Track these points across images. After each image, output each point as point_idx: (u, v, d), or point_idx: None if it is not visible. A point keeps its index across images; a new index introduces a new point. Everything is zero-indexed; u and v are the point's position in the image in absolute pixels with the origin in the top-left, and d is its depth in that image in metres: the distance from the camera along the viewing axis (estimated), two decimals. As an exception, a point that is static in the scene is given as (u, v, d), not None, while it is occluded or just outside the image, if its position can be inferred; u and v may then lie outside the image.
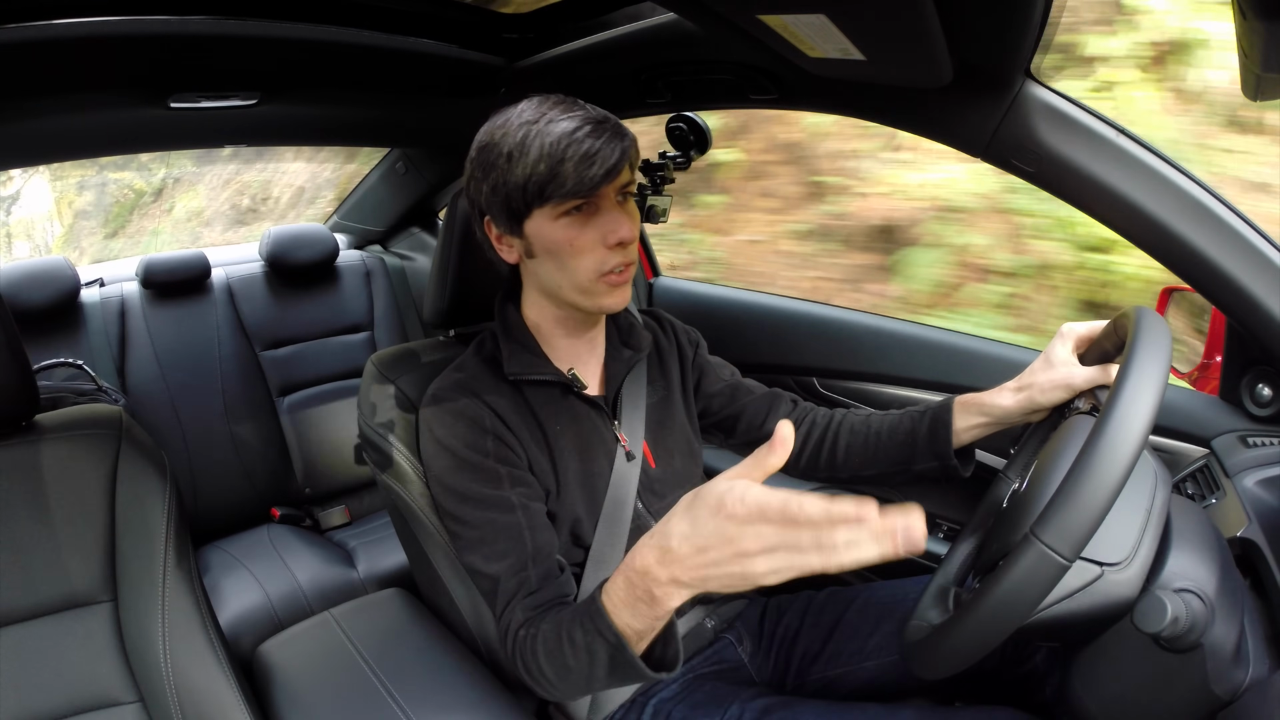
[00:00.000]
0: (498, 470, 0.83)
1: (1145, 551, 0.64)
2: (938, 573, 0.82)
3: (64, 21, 0.88)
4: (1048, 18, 0.70)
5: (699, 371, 1.06)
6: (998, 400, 0.89)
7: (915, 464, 0.94)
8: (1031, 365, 0.87)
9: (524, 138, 0.77)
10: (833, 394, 1.42)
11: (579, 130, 0.76)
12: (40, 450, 0.84)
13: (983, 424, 0.91)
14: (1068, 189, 0.85)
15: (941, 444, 0.91)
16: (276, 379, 1.87)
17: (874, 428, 0.98)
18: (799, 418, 1.04)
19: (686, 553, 0.56)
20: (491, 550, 0.80)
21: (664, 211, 1.15)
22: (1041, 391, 0.85)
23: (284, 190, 4.55)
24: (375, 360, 1.01)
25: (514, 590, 0.79)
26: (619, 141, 0.77)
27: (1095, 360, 0.83)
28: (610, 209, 0.81)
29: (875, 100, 0.94)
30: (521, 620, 0.77)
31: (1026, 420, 0.89)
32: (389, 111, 1.49)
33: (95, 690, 0.82)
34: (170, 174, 4.95)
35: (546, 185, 0.77)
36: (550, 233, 0.81)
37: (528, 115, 0.79)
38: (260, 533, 1.72)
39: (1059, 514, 0.55)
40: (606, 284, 0.83)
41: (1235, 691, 0.61)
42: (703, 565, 0.56)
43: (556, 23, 1.17)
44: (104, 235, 4.92)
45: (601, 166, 0.75)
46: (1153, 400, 0.57)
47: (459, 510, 0.83)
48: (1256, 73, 0.58)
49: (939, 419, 0.92)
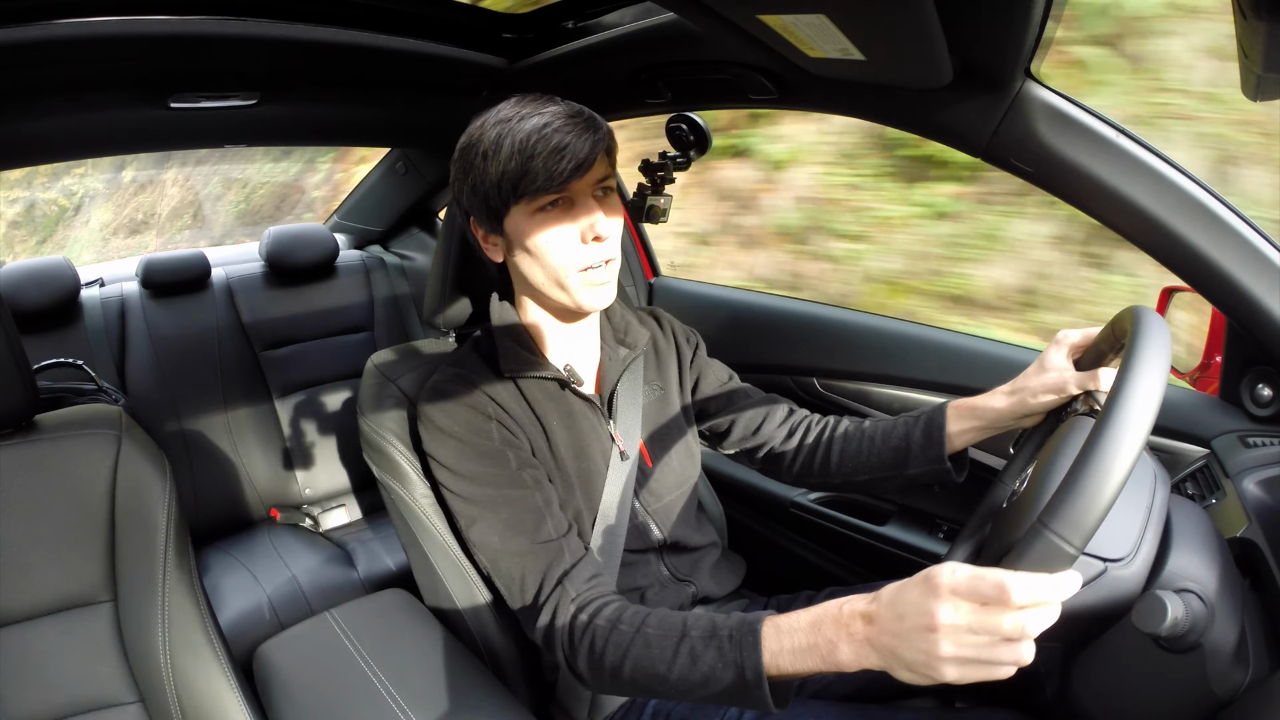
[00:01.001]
0: (505, 453, 0.82)
1: (1147, 549, 0.64)
2: None
3: (64, 21, 0.88)
4: (1048, 18, 0.70)
5: (697, 372, 1.05)
6: (990, 403, 0.89)
7: (909, 469, 0.94)
8: (1025, 370, 0.87)
9: (497, 136, 0.78)
10: (833, 394, 1.42)
11: (549, 125, 0.76)
12: (40, 450, 0.84)
13: (976, 427, 0.91)
14: (1068, 189, 0.85)
15: (935, 448, 0.91)
16: (276, 379, 1.87)
17: (868, 433, 0.98)
18: (795, 424, 1.04)
19: (886, 616, 0.56)
20: (511, 528, 0.79)
21: (664, 211, 1.15)
22: (1034, 394, 0.85)
23: (165, 207, 5.61)
24: (375, 360, 1.01)
25: (546, 565, 0.77)
26: (590, 135, 0.77)
27: (1091, 364, 0.83)
28: (586, 203, 0.81)
29: (875, 100, 0.94)
30: (577, 599, 0.74)
31: (1019, 424, 0.89)
32: (389, 111, 1.49)
33: (95, 690, 0.82)
34: (86, 193, 5.90)
35: (519, 181, 0.77)
36: (527, 229, 0.81)
37: (504, 114, 0.79)
38: (260, 533, 1.72)
39: (1067, 504, 0.54)
40: (587, 280, 0.83)
41: (1235, 691, 0.61)
42: (894, 634, 0.55)
43: (556, 23, 1.17)
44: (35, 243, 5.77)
45: (571, 160, 0.76)
46: (1155, 394, 0.57)
47: (471, 492, 0.82)
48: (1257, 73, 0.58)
49: (933, 423, 0.92)
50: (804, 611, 0.62)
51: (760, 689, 0.62)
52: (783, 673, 0.62)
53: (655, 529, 0.96)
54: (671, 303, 1.77)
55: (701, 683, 0.65)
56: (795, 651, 0.61)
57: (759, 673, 0.62)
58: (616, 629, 0.71)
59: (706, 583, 1.01)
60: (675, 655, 0.67)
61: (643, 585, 0.95)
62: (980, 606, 0.51)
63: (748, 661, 0.63)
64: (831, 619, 0.60)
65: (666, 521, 0.97)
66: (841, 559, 1.38)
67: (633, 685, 0.70)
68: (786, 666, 0.62)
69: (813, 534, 1.40)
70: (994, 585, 0.50)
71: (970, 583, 0.51)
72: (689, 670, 0.66)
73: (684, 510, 1.01)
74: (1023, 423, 0.88)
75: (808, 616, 0.62)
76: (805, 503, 1.39)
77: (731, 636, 0.65)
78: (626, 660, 0.69)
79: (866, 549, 1.31)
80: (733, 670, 0.64)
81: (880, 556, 1.29)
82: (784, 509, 1.41)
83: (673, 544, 0.97)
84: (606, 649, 0.71)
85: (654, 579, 0.97)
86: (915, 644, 0.53)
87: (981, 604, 0.51)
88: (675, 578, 0.98)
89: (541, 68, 1.21)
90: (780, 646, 0.62)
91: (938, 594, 0.52)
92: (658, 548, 0.97)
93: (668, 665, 0.67)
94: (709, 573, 1.02)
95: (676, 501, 0.99)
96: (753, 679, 0.62)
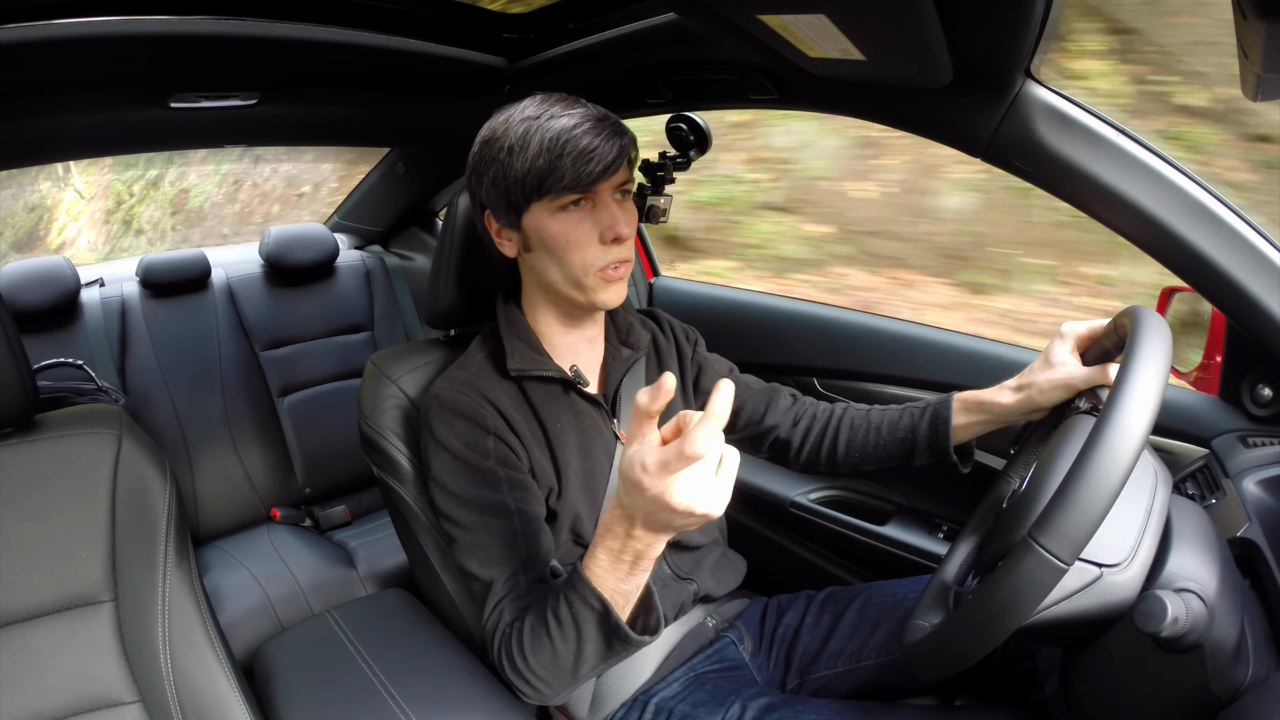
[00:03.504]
0: (496, 473, 0.83)
1: (1145, 552, 0.64)
2: (938, 573, 0.82)
3: (64, 21, 0.88)
4: (1048, 18, 0.70)
5: (698, 368, 1.06)
6: (997, 398, 0.89)
7: (914, 460, 0.94)
8: (1031, 365, 0.88)
9: (525, 132, 0.79)
10: (833, 394, 1.42)
11: (579, 127, 0.78)
12: (40, 450, 0.84)
13: (982, 421, 0.91)
14: (1068, 189, 0.85)
15: (941, 440, 0.92)
16: (276, 379, 1.87)
17: (874, 423, 0.98)
18: (799, 412, 1.04)
19: (641, 520, 0.64)
20: (487, 555, 0.81)
21: (664, 211, 1.15)
22: (1040, 391, 0.85)
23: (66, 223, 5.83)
24: (375, 360, 1.01)
25: (503, 594, 0.79)
26: (618, 139, 0.79)
27: (1096, 359, 0.83)
28: (607, 205, 0.82)
29: (875, 100, 0.94)
30: (508, 621, 0.78)
31: (1026, 419, 0.89)
32: (389, 111, 1.49)
33: (96, 690, 0.82)
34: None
35: (545, 179, 0.78)
36: (548, 226, 0.81)
37: (530, 111, 0.80)
38: (260, 533, 1.72)
39: (1057, 517, 0.55)
40: (602, 279, 0.83)
41: (1235, 691, 0.61)
42: (657, 525, 0.64)
43: (556, 23, 1.17)
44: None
45: (599, 163, 0.77)
46: (1152, 403, 0.57)
47: (456, 513, 0.83)
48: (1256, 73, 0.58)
49: (939, 415, 0.93)
50: (595, 544, 0.70)
51: (611, 615, 0.69)
52: (622, 594, 0.70)
53: None
54: (671, 303, 1.77)
55: (579, 637, 0.71)
56: (612, 571, 0.69)
57: (601, 597, 0.69)
58: (518, 630, 0.76)
59: (708, 581, 1.01)
60: (552, 626, 0.72)
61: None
62: (681, 465, 0.58)
63: (587, 592, 0.70)
64: (619, 538, 0.67)
65: None
66: (841, 559, 1.38)
67: (553, 677, 0.75)
68: (621, 585, 0.69)
69: (813, 534, 1.40)
70: (675, 454, 0.57)
71: (658, 465, 0.59)
72: (564, 632, 0.71)
73: None
74: (1030, 418, 0.89)
75: (600, 547, 0.69)
76: (805, 503, 1.39)
77: (568, 583, 0.72)
78: (531, 654, 0.74)
79: (866, 549, 1.31)
80: (585, 608, 0.70)
81: (880, 556, 1.29)
82: (784, 509, 1.41)
83: (675, 542, 0.97)
84: (521, 649, 0.75)
85: (656, 577, 0.96)
86: (674, 521, 0.62)
87: (678, 462, 0.58)
88: (677, 576, 0.98)
89: (542, 68, 1.21)
90: (598, 572, 0.69)
91: (642, 488, 0.59)
92: None
93: (551, 640, 0.72)
94: (710, 571, 1.02)
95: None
96: (600, 605, 0.69)
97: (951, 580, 0.80)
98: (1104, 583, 0.63)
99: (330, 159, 4.22)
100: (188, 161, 5.03)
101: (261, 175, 5.19)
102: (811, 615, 1.03)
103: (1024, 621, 0.58)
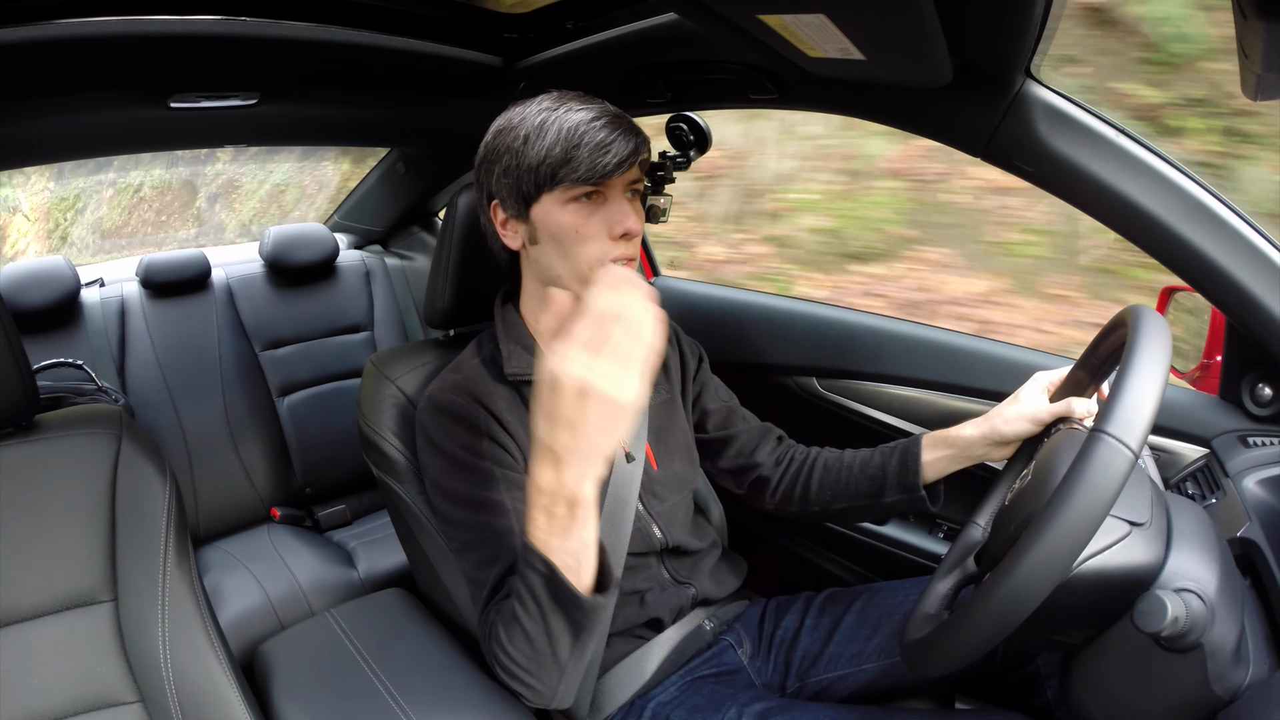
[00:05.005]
0: (491, 472, 0.83)
1: (1160, 520, 0.66)
2: (937, 572, 0.82)
3: (64, 21, 0.88)
4: (1048, 17, 0.70)
5: (700, 386, 1.07)
6: (961, 432, 0.92)
7: (884, 496, 0.96)
8: (999, 404, 0.90)
9: (542, 122, 0.80)
10: (833, 393, 1.42)
11: (597, 120, 0.79)
12: (40, 450, 0.84)
13: (948, 456, 0.93)
14: (1068, 189, 0.85)
15: (910, 475, 0.94)
16: (276, 379, 1.87)
17: (846, 462, 1.01)
18: (782, 454, 1.06)
19: (563, 448, 0.60)
20: (482, 555, 0.81)
21: (664, 211, 1.15)
22: (1005, 421, 0.88)
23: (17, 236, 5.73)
24: (375, 360, 1.01)
25: (498, 594, 0.79)
26: (634, 138, 0.80)
27: (1066, 394, 0.86)
28: (619, 200, 0.83)
29: (875, 100, 0.94)
30: (494, 619, 0.77)
31: (991, 453, 0.91)
32: (389, 111, 1.49)
33: (96, 690, 0.82)
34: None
35: (560, 168, 0.79)
36: (557, 217, 0.82)
37: (547, 104, 0.81)
38: (260, 533, 1.72)
39: (1119, 409, 0.58)
40: None
41: (1235, 691, 0.61)
42: (580, 446, 0.59)
43: (556, 23, 1.17)
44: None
45: (615, 156, 0.78)
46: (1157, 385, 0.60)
47: (452, 513, 0.83)
48: (1256, 73, 0.58)
49: (909, 451, 0.95)
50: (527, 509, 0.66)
51: (556, 575, 0.66)
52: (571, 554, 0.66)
53: (657, 531, 0.96)
54: (671, 303, 1.77)
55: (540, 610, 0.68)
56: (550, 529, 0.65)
57: (545, 560, 0.66)
58: (495, 628, 0.74)
59: (706, 585, 1.01)
60: (518, 606, 0.70)
61: (642, 589, 0.95)
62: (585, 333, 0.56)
63: (532, 558, 0.67)
64: (546, 493, 0.63)
65: (668, 524, 0.97)
66: (841, 559, 1.38)
67: (537, 666, 0.73)
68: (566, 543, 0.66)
69: (813, 534, 1.40)
70: (584, 330, 0.56)
71: (564, 356, 0.56)
72: (527, 607, 0.69)
73: (685, 513, 1.01)
74: (995, 452, 0.91)
75: (533, 509, 0.65)
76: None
77: (519, 556, 0.69)
78: (509, 643, 0.72)
79: (866, 549, 1.31)
80: (535, 575, 0.67)
81: (880, 556, 1.29)
82: None
83: (674, 547, 0.97)
84: (502, 641, 0.73)
85: (654, 582, 0.97)
86: (586, 429, 0.58)
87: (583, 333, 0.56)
88: (675, 580, 0.98)
89: (542, 68, 1.21)
90: (540, 536, 0.66)
91: (560, 390, 0.57)
92: (659, 551, 0.97)
93: (520, 621, 0.70)
94: (709, 575, 1.02)
95: (679, 504, 0.99)
96: (545, 569, 0.66)
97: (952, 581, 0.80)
98: (1133, 540, 0.63)
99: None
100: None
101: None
102: (811, 618, 1.03)
103: (1082, 546, 0.57)
